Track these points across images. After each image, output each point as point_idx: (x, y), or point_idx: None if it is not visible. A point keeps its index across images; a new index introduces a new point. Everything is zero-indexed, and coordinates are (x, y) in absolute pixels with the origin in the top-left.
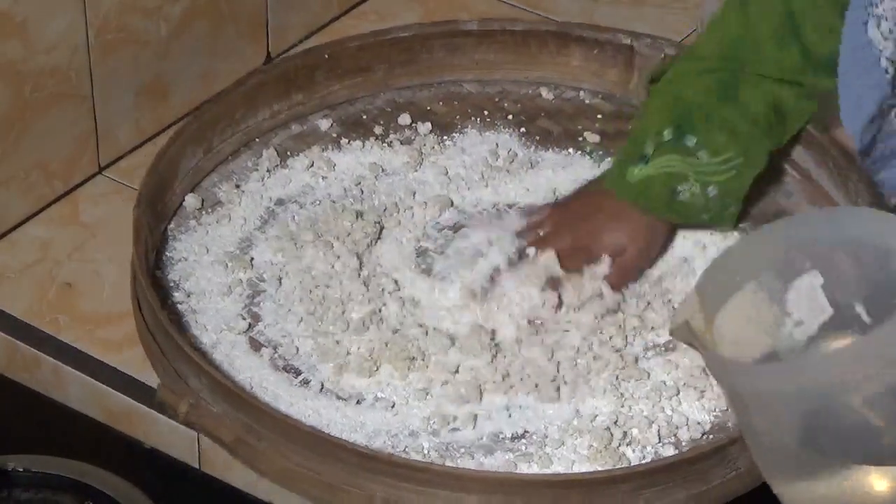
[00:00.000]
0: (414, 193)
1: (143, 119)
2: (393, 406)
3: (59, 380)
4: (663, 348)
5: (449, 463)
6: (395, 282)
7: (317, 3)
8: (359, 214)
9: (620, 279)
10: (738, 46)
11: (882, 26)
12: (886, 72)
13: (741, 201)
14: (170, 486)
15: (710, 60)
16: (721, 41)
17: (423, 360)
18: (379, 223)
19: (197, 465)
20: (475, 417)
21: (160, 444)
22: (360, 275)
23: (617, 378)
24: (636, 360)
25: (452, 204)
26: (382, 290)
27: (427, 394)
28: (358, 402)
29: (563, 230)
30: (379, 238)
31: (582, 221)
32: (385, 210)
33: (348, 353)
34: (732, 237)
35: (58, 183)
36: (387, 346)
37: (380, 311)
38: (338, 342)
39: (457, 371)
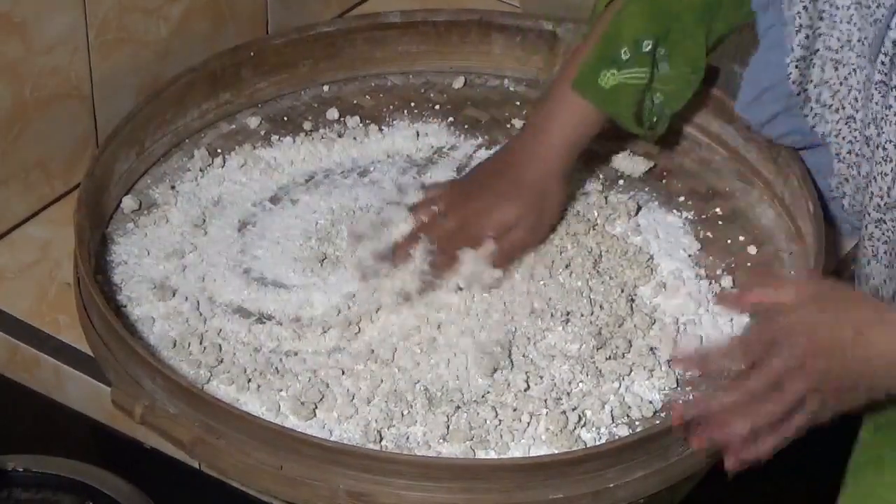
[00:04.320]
0: (350, 187)
1: None
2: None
3: (59, 380)
4: (612, 332)
5: (406, 454)
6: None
7: (316, 3)
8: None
9: (504, 259)
10: None
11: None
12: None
13: (669, 118)
14: (170, 486)
15: None
16: None
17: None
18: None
19: (197, 466)
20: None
21: (160, 444)
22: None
23: (568, 361)
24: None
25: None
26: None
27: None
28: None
29: (452, 211)
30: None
31: (472, 201)
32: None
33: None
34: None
35: (58, 183)
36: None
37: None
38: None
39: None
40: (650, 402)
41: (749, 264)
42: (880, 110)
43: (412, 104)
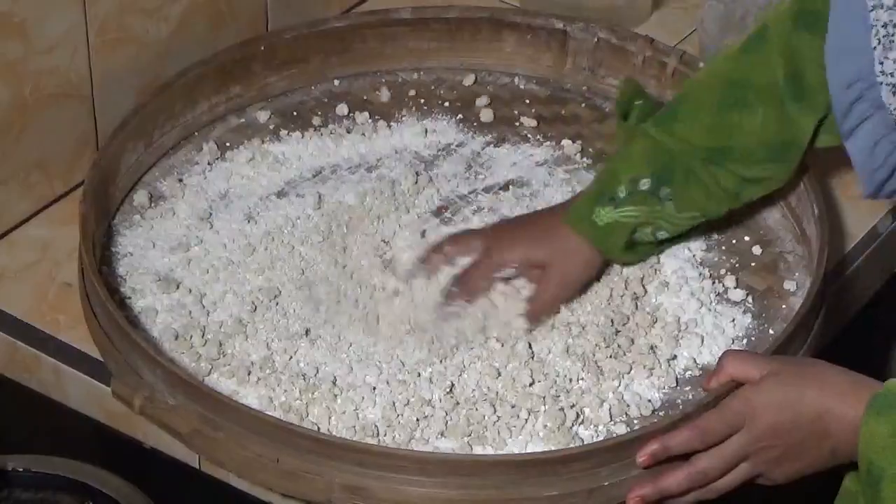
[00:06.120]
0: (357, 183)
1: None
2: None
3: (59, 380)
4: (614, 330)
5: (403, 447)
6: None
7: (316, 3)
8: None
9: (538, 311)
10: (734, 89)
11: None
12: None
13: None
14: (170, 486)
15: (705, 109)
16: (717, 84)
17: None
18: (324, 215)
19: (197, 465)
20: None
21: (160, 444)
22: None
23: (570, 357)
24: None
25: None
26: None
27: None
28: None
29: (485, 236)
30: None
31: (509, 230)
32: (329, 200)
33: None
34: None
35: (58, 183)
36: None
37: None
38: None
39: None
40: (649, 401)
41: (753, 265)
42: None
43: (421, 101)
